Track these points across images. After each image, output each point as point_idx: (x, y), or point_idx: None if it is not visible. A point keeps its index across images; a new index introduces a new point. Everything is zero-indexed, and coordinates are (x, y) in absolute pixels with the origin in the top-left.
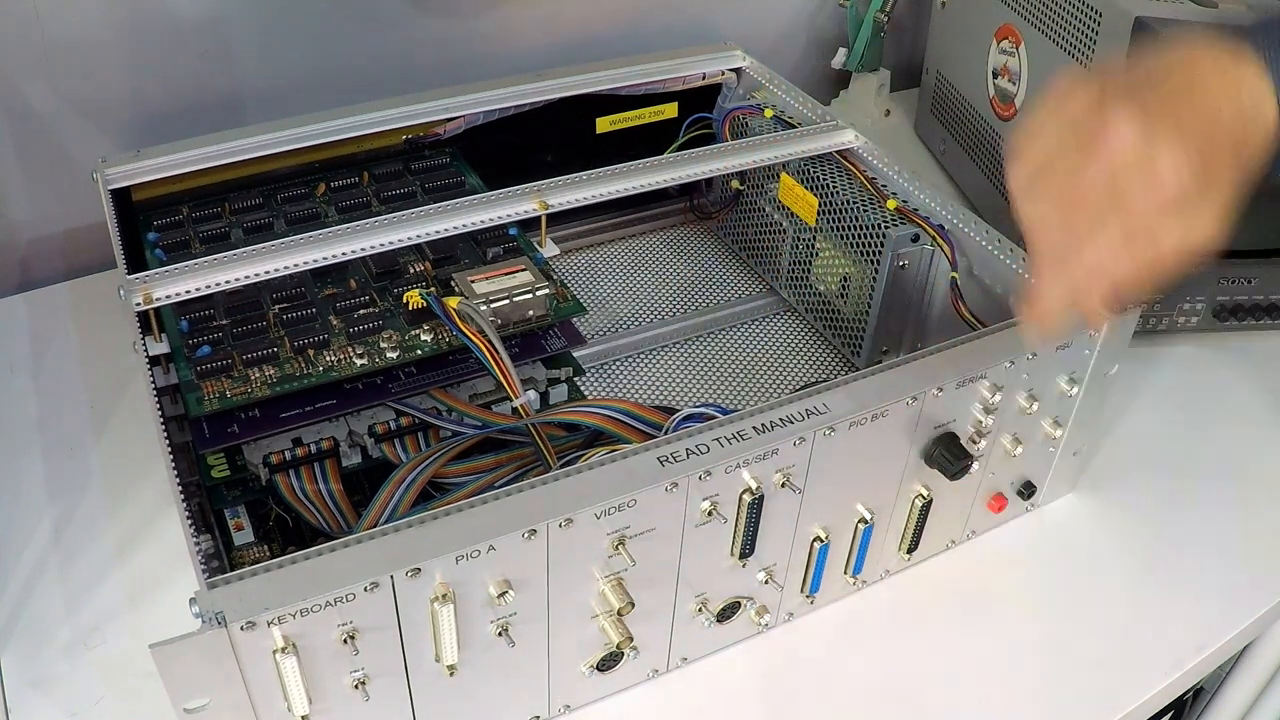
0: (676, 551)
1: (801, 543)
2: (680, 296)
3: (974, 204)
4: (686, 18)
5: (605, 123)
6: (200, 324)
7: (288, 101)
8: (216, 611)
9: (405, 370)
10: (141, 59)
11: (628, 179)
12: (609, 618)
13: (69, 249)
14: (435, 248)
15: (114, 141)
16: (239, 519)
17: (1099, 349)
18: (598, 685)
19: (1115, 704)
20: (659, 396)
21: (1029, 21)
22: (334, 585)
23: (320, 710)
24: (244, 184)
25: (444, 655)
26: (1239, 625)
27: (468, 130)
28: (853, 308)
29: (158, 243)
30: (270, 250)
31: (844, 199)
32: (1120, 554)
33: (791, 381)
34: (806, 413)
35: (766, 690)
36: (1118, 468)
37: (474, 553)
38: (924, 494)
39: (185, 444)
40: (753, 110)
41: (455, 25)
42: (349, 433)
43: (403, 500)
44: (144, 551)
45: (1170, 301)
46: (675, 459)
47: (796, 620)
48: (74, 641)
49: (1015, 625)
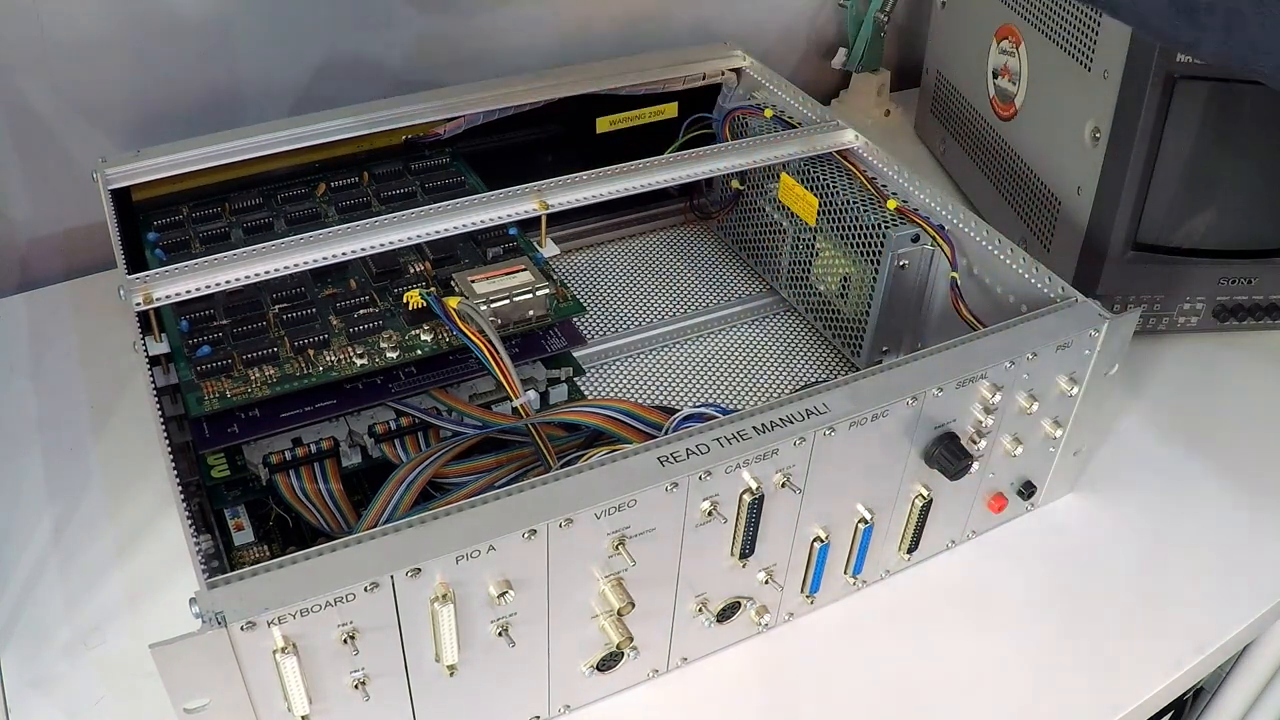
0: (676, 551)
1: (801, 543)
2: (680, 296)
3: (974, 204)
4: (686, 18)
5: (605, 123)
6: (200, 324)
7: (288, 101)
8: (216, 611)
9: (405, 370)
10: (142, 59)
11: (628, 179)
12: (609, 618)
13: (69, 249)
14: (435, 248)
15: (114, 141)
16: (239, 519)
17: (1099, 349)
18: (598, 685)
19: (1115, 704)
20: (659, 396)
21: (1029, 21)
22: (334, 585)
23: (320, 710)
24: (244, 184)
25: (444, 655)
26: (1239, 625)
27: (468, 130)
28: (853, 308)
29: (158, 243)
30: (270, 250)
31: (844, 199)
32: (1120, 554)
33: (791, 381)
34: (806, 413)
35: (766, 690)
36: (1118, 468)
37: (474, 553)
38: (924, 494)
39: (185, 444)
40: (753, 110)
41: (455, 25)
42: (349, 433)
43: (403, 500)
44: (144, 551)
45: (1170, 301)
46: (675, 459)
47: (796, 620)
48: (74, 641)
49: (1015, 625)
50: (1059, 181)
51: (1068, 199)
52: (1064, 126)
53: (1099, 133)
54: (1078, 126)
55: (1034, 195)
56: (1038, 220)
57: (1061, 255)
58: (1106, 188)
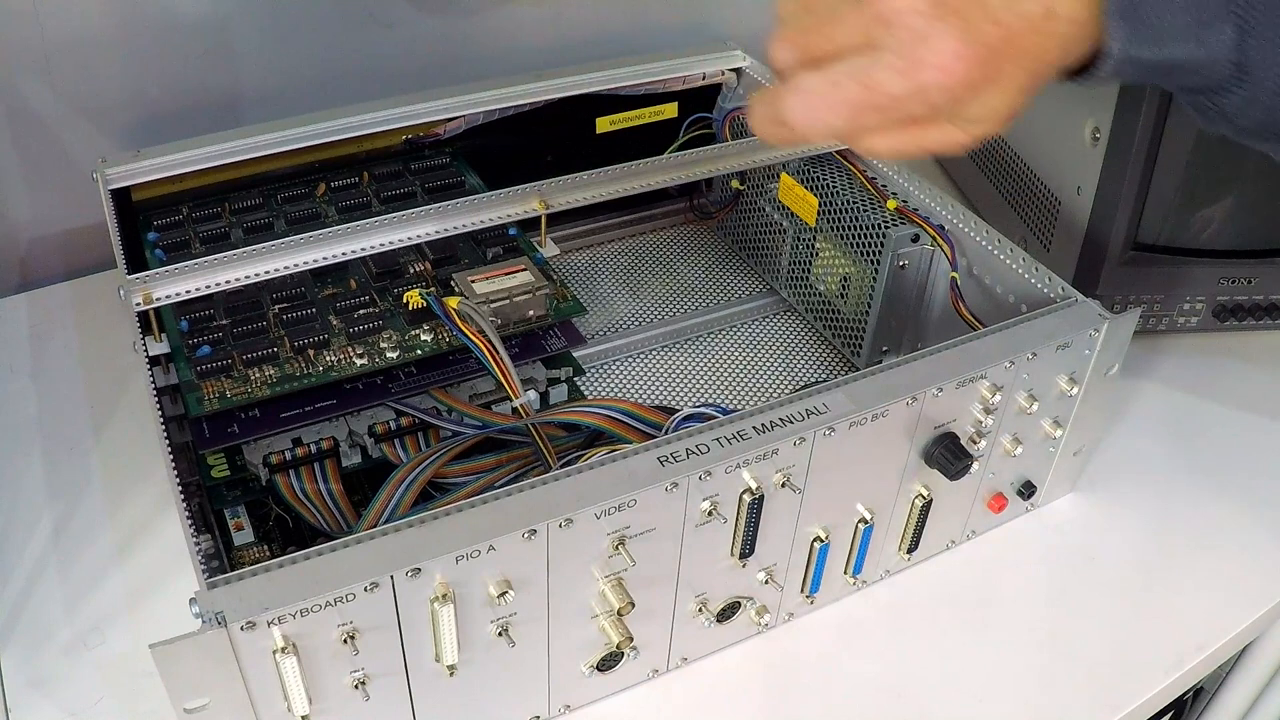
0: (676, 551)
1: (801, 543)
2: (680, 296)
3: (974, 204)
4: (686, 18)
5: (605, 123)
6: (200, 324)
7: (288, 101)
8: (216, 611)
9: (405, 370)
10: (142, 59)
11: (628, 179)
12: (609, 618)
13: (69, 249)
14: (435, 248)
15: (114, 141)
16: (239, 519)
17: (1099, 349)
18: (598, 685)
19: (1115, 704)
20: (659, 396)
21: None
22: (334, 585)
23: (320, 710)
24: (244, 184)
25: (444, 655)
26: (1239, 625)
27: (468, 130)
28: (853, 308)
29: (158, 243)
30: (270, 250)
31: (844, 199)
32: (1120, 554)
33: (791, 381)
34: (806, 413)
35: (766, 690)
36: (1118, 468)
37: (474, 553)
38: (924, 494)
39: (185, 444)
40: None
41: (455, 25)
42: (349, 433)
43: (403, 500)
44: (144, 551)
45: (1170, 301)
46: (675, 459)
47: (796, 620)
48: (74, 641)
49: (1015, 625)
50: (1059, 181)
51: (1068, 199)
52: (1064, 126)
53: (1099, 133)
54: (1078, 126)
55: (1034, 195)
56: (1038, 220)
57: (1061, 255)
58: (1106, 188)
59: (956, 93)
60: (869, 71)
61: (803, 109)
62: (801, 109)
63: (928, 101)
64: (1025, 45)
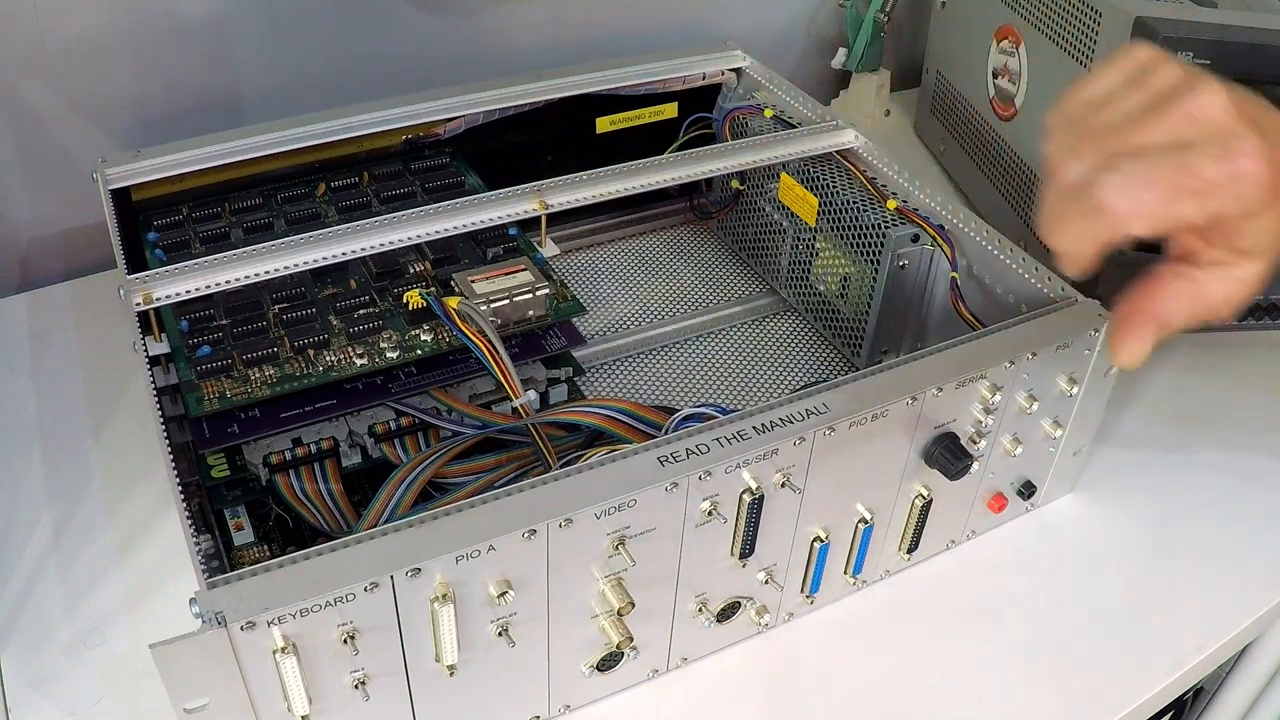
0: (676, 551)
1: (801, 543)
2: (680, 296)
3: (974, 204)
4: (686, 18)
5: (605, 123)
6: (200, 324)
7: (288, 101)
8: (216, 611)
9: (405, 370)
10: (142, 59)
11: (628, 179)
12: (609, 618)
13: (69, 249)
14: (435, 248)
15: (114, 142)
16: (239, 519)
17: (1099, 349)
18: (598, 685)
19: (1115, 704)
20: (659, 396)
21: (1029, 21)
22: (334, 585)
23: (320, 710)
24: (244, 184)
25: (444, 655)
26: (1239, 625)
27: (468, 130)
28: (853, 308)
29: (158, 243)
30: (270, 250)
31: (844, 199)
32: (1120, 554)
33: (791, 381)
34: (806, 413)
35: (766, 690)
36: (1118, 468)
37: (474, 553)
38: (924, 494)
39: (185, 444)
40: (753, 110)
41: (455, 24)
42: (349, 433)
43: (403, 500)
44: (144, 551)
45: None
46: (675, 459)
47: (796, 620)
48: (74, 641)
49: (1015, 625)
50: None
51: None
52: None
53: None
54: None
55: (1034, 195)
56: (1037, 220)
57: None
58: None
59: (1262, 190)
60: (1185, 156)
61: (1121, 186)
62: (1120, 186)
63: (1237, 193)
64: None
